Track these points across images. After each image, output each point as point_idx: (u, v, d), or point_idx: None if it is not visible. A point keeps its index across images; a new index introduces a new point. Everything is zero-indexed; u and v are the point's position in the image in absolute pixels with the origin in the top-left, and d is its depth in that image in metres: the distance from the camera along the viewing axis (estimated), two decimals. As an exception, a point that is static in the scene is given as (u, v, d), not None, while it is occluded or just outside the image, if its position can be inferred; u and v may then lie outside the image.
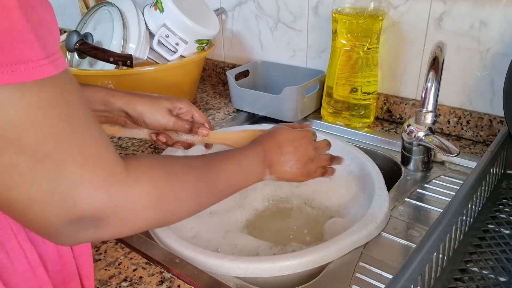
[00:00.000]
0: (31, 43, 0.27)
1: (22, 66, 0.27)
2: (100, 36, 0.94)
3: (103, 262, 0.55)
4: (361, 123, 0.89)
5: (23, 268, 0.37)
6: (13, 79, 0.27)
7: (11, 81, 0.27)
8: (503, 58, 0.76)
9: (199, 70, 1.07)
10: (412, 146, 0.73)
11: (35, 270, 0.38)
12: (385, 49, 0.88)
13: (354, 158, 0.77)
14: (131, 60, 0.86)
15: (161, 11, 0.92)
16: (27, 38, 0.27)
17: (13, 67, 0.26)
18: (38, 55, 0.28)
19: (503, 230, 0.56)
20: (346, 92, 0.88)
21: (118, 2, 0.95)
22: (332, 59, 0.89)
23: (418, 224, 0.62)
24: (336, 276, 0.53)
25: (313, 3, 0.96)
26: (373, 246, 0.58)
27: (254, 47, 1.12)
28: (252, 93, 0.95)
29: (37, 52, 0.28)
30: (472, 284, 0.48)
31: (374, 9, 0.84)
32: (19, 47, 0.27)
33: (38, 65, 0.28)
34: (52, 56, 0.29)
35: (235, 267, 0.53)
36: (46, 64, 0.28)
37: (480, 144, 0.82)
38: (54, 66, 0.29)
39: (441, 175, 0.74)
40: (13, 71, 0.26)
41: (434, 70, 0.66)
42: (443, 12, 0.80)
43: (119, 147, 0.87)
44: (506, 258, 0.51)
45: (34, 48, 0.28)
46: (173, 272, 0.53)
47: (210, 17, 1.00)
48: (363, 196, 0.71)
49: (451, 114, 0.84)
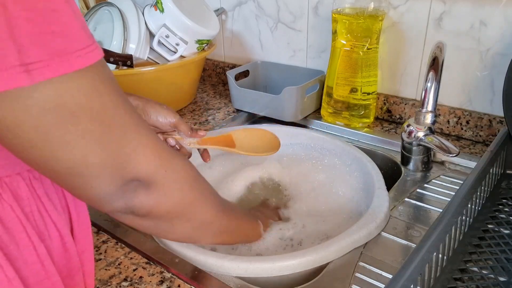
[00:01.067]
0: (82, 33, 0.31)
1: (83, 51, 0.31)
2: (100, 36, 0.94)
3: (104, 261, 0.55)
4: (361, 123, 0.90)
5: (32, 260, 0.38)
6: (82, 63, 0.30)
7: (81, 65, 0.30)
8: (503, 58, 0.76)
9: (199, 70, 1.07)
10: (412, 146, 0.73)
11: (43, 262, 0.39)
12: (385, 49, 0.89)
13: (354, 158, 0.77)
14: (131, 60, 0.87)
15: (161, 11, 0.92)
16: (78, 27, 0.31)
17: (79, 53, 0.30)
18: (88, 41, 0.31)
19: (502, 230, 0.56)
20: (346, 92, 0.88)
21: (118, 2, 0.95)
22: (332, 59, 0.89)
23: (418, 224, 0.62)
24: (336, 276, 0.53)
25: (313, 3, 0.96)
26: (373, 246, 0.58)
27: (254, 47, 1.12)
28: (252, 93, 0.95)
29: (87, 39, 0.31)
30: (471, 284, 0.48)
31: (374, 9, 0.84)
32: (77, 36, 0.30)
33: (91, 49, 0.31)
34: (94, 42, 0.33)
35: (235, 267, 0.53)
36: (96, 48, 0.32)
37: (479, 144, 0.82)
38: (99, 50, 0.33)
39: (441, 175, 0.74)
40: (81, 56, 0.30)
41: (434, 70, 0.66)
42: (443, 12, 0.80)
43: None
44: (506, 258, 0.51)
45: (85, 36, 0.31)
46: (173, 272, 0.53)
47: (210, 17, 1.00)
48: (363, 196, 0.71)
49: (450, 114, 0.85)
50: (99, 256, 0.56)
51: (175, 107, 1.03)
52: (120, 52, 0.89)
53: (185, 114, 1.02)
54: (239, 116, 0.99)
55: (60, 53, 0.29)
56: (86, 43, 0.31)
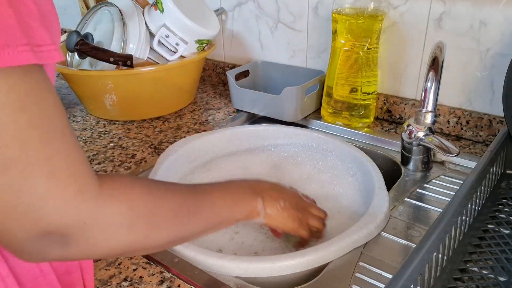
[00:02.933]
0: (12, 29, 0.26)
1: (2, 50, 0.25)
2: (100, 36, 0.94)
3: (103, 261, 0.55)
4: (361, 123, 0.90)
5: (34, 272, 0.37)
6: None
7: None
8: (503, 58, 0.76)
9: (199, 70, 1.07)
10: (412, 146, 0.73)
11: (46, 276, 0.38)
12: (385, 49, 0.89)
13: (354, 158, 0.77)
14: (131, 60, 0.87)
15: (161, 11, 0.92)
16: (9, 24, 0.25)
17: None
18: (18, 40, 0.26)
19: (502, 230, 0.56)
20: (346, 92, 0.88)
21: (118, 2, 0.95)
22: (332, 59, 0.89)
23: (418, 224, 0.62)
24: (336, 276, 0.53)
25: (313, 3, 0.96)
26: (373, 246, 0.58)
27: (254, 47, 1.12)
28: (252, 93, 0.95)
29: (18, 37, 0.26)
30: (471, 284, 0.48)
31: (374, 9, 0.84)
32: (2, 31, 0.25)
33: (16, 51, 0.25)
34: (39, 47, 0.27)
35: (235, 267, 0.53)
36: (25, 51, 0.26)
37: (479, 144, 0.82)
38: (36, 55, 0.27)
39: (441, 175, 0.74)
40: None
41: (434, 70, 0.66)
42: (442, 12, 0.80)
43: (119, 147, 0.87)
44: (506, 258, 0.51)
45: (15, 34, 0.26)
46: (173, 272, 0.53)
47: (210, 17, 1.00)
48: (363, 196, 0.71)
49: (450, 114, 0.85)
50: (99, 256, 0.56)
51: (175, 107, 1.03)
52: (120, 52, 0.89)
53: (185, 114, 1.02)
54: (239, 116, 0.99)
55: None
56: (13, 41, 0.25)
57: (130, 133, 0.93)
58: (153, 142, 0.89)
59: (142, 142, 0.89)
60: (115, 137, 0.91)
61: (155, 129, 0.95)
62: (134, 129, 0.95)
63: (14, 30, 0.26)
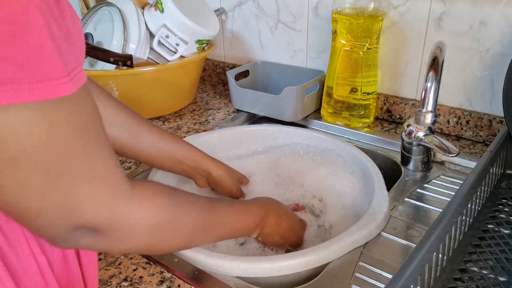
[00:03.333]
0: (54, 62, 0.28)
1: (43, 84, 0.27)
2: (100, 36, 0.94)
3: (104, 262, 0.55)
4: (361, 123, 0.90)
5: (32, 271, 0.38)
6: (34, 97, 0.27)
7: (32, 98, 0.27)
8: (503, 58, 0.76)
9: (199, 70, 1.07)
10: (412, 146, 0.73)
11: (44, 273, 0.38)
12: (385, 49, 0.89)
13: (354, 158, 0.77)
14: (131, 60, 0.87)
15: (161, 12, 0.92)
16: (51, 57, 0.28)
17: (34, 85, 0.27)
18: (59, 73, 0.28)
19: (502, 230, 0.56)
20: (346, 92, 0.88)
21: (118, 2, 0.95)
22: (332, 59, 0.89)
23: (418, 224, 0.62)
24: (336, 276, 0.53)
25: (313, 3, 0.96)
26: (373, 246, 0.58)
27: (254, 47, 1.12)
28: (252, 93, 0.95)
29: (59, 70, 0.28)
30: (471, 284, 0.48)
31: (374, 9, 0.84)
32: (42, 66, 0.27)
33: (59, 83, 0.28)
34: (73, 72, 0.29)
35: (235, 267, 0.53)
36: (66, 82, 0.28)
37: (479, 144, 0.82)
38: (73, 83, 0.29)
39: (441, 175, 0.74)
40: (34, 88, 0.27)
41: (434, 70, 0.66)
42: (442, 12, 0.80)
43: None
44: (506, 258, 0.51)
45: (57, 67, 0.28)
46: (173, 272, 0.53)
47: (210, 18, 1.00)
48: (363, 196, 0.71)
49: (450, 114, 0.85)
50: (99, 256, 0.56)
51: (175, 107, 1.03)
52: (120, 52, 0.89)
53: (185, 114, 1.02)
54: (239, 116, 0.99)
55: (10, 80, 0.26)
56: (56, 74, 0.28)
57: (130, 133, 0.93)
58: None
59: (142, 142, 0.89)
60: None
61: (155, 129, 0.94)
62: (134, 129, 0.95)
63: (57, 64, 0.28)
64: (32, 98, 0.27)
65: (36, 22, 0.26)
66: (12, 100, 0.26)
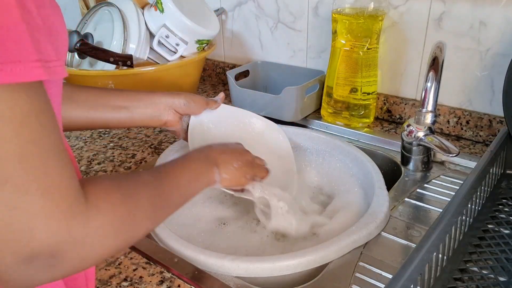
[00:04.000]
0: (24, 44, 0.26)
1: (9, 65, 0.25)
2: (100, 36, 0.94)
3: (103, 261, 0.55)
4: (361, 123, 0.90)
5: None
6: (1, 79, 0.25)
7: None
8: (503, 58, 0.76)
9: (199, 70, 1.07)
10: (412, 146, 0.73)
11: None
12: (385, 49, 0.89)
13: (354, 158, 0.77)
14: (131, 60, 0.87)
15: (161, 12, 0.92)
16: (21, 38, 0.26)
17: (3, 66, 0.24)
18: (29, 56, 0.26)
19: (502, 230, 0.56)
20: (346, 92, 0.88)
21: (118, 2, 0.95)
22: (332, 59, 0.89)
23: (418, 224, 0.62)
24: (336, 276, 0.53)
25: (313, 3, 0.96)
26: (373, 246, 0.58)
27: (254, 47, 1.12)
28: (252, 93, 0.95)
29: (29, 53, 0.26)
30: (471, 284, 0.48)
31: (374, 9, 0.84)
32: (9, 46, 0.25)
33: (28, 67, 0.26)
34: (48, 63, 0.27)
35: (235, 267, 0.53)
36: (36, 68, 0.26)
37: (479, 144, 0.82)
38: (45, 70, 0.27)
39: (441, 175, 0.74)
40: (1, 70, 0.24)
41: (434, 70, 0.66)
42: (442, 13, 0.80)
43: (119, 147, 0.87)
44: (506, 258, 0.51)
45: (27, 49, 0.26)
46: (173, 272, 0.53)
47: (210, 17, 1.00)
48: (363, 196, 0.71)
49: (450, 114, 0.85)
50: (99, 256, 0.56)
51: (175, 107, 1.03)
52: (120, 52, 0.89)
53: (185, 114, 1.02)
54: (239, 116, 0.99)
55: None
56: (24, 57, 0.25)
57: (130, 133, 0.93)
58: (153, 142, 0.89)
59: (142, 142, 0.89)
60: (115, 137, 0.91)
61: (155, 129, 0.95)
62: (134, 129, 0.95)
63: (27, 45, 0.26)
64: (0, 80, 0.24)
65: (7, 1, 0.25)
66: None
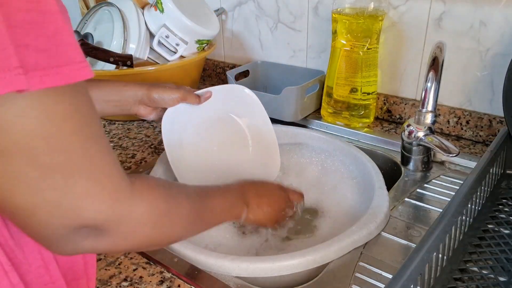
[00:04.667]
0: (74, 45, 0.28)
1: (65, 68, 0.27)
2: (100, 36, 0.94)
3: (104, 261, 0.55)
4: (361, 123, 0.90)
5: (37, 264, 0.38)
6: (57, 81, 0.27)
7: (55, 83, 0.27)
8: (503, 58, 0.76)
9: (199, 70, 1.07)
10: (412, 146, 0.73)
11: (48, 266, 0.38)
12: (385, 49, 0.89)
13: (354, 158, 0.77)
14: (131, 60, 0.87)
15: (161, 12, 0.92)
16: (71, 41, 0.28)
17: (59, 69, 0.27)
18: (78, 57, 0.28)
19: (502, 230, 0.56)
20: (346, 92, 0.88)
21: (118, 2, 0.95)
22: (332, 59, 0.89)
23: (418, 224, 0.62)
24: (336, 276, 0.53)
25: (313, 3, 0.96)
26: (373, 246, 0.58)
27: (254, 47, 1.12)
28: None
29: (78, 54, 0.28)
30: (471, 284, 0.48)
31: (374, 9, 0.84)
32: (66, 50, 0.27)
33: (80, 67, 0.28)
34: (85, 60, 0.29)
35: (235, 267, 0.53)
36: (85, 67, 0.28)
37: (479, 144, 0.82)
38: (89, 69, 0.29)
39: (441, 175, 0.74)
40: (58, 73, 0.27)
41: (434, 70, 0.66)
42: (442, 12, 0.80)
43: (119, 147, 0.87)
44: (506, 258, 0.51)
45: (75, 50, 0.28)
46: (173, 272, 0.53)
47: (210, 18, 1.00)
48: (363, 196, 0.71)
49: (450, 114, 0.85)
50: (99, 256, 0.56)
51: (175, 107, 1.03)
52: (120, 52, 0.89)
53: (185, 114, 1.02)
54: (239, 116, 0.99)
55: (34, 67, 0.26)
56: (75, 58, 0.28)
57: (130, 133, 0.93)
58: (153, 142, 0.89)
59: (142, 142, 0.89)
60: (115, 137, 0.91)
61: (155, 129, 0.95)
62: (134, 129, 0.95)
63: (74, 47, 0.28)
64: (56, 82, 0.27)
65: (53, 8, 0.27)
66: (44, 84, 0.26)
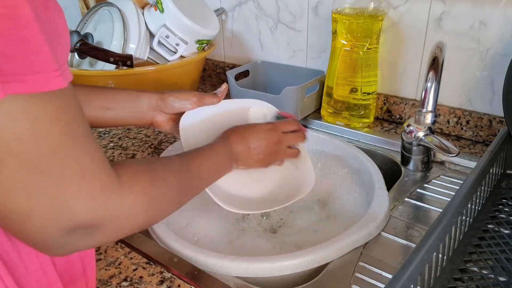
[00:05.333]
0: (45, 55, 0.28)
1: (32, 77, 0.27)
2: (100, 36, 0.94)
3: (104, 262, 0.55)
4: (361, 123, 0.90)
5: (34, 267, 0.37)
6: (22, 89, 0.27)
7: (20, 90, 0.27)
8: (503, 58, 0.76)
9: (199, 70, 1.07)
10: (412, 146, 0.73)
11: (46, 269, 0.38)
12: (385, 49, 0.89)
13: (354, 158, 0.77)
14: (131, 60, 0.87)
15: (161, 12, 0.92)
16: (41, 50, 0.28)
17: (23, 77, 0.27)
18: (50, 66, 0.28)
19: (502, 230, 0.56)
20: (346, 92, 0.88)
21: (118, 2, 0.95)
22: (332, 59, 0.89)
23: (418, 224, 0.62)
24: (336, 276, 0.53)
25: (313, 3, 0.96)
26: (373, 246, 0.58)
27: (254, 47, 1.12)
28: (252, 93, 0.95)
29: (50, 64, 0.28)
30: (471, 284, 0.48)
31: (374, 9, 0.84)
32: (32, 59, 0.27)
33: (50, 77, 0.28)
34: (62, 67, 0.29)
35: (235, 267, 0.53)
36: (57, 76, 0.29)
37: (479, 144, 0.82)
38: (63, 78, 0.29)
39: (441, 175, 0.74)
40: (22, 81, 0.27)
41: (434, 70, 0.66)
42: (442, 12, 0.80)
43: (119, 147, 0.87)
44: (506, 258, 0.51)
45: (47, 60, 0.28)
46: (173, 272, 0.53)
47: (210, 17, 1.00)
48: (363, 196, 0.71)
49: (450, 114, 0.85)
50: (99, 256, 0.56)
51: (175, 107, 1.03)
52: (120, 52, 0.89)
53: (185, 114, 1.02)
54: (239, 116, 0.99)
55: None
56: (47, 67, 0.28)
57: (130, 133, 0.93)
58: (153, 142, 0.89)
59: (142, 142, 0.89)
60: (115, 137, 0.91)
61: (155, 129, 0.95)
62: (134, 129, 0.95)
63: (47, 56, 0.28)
64: (20, 90, 0.27)
65: (26, 16, 0.27)
66: (6, 92, 0.26)
